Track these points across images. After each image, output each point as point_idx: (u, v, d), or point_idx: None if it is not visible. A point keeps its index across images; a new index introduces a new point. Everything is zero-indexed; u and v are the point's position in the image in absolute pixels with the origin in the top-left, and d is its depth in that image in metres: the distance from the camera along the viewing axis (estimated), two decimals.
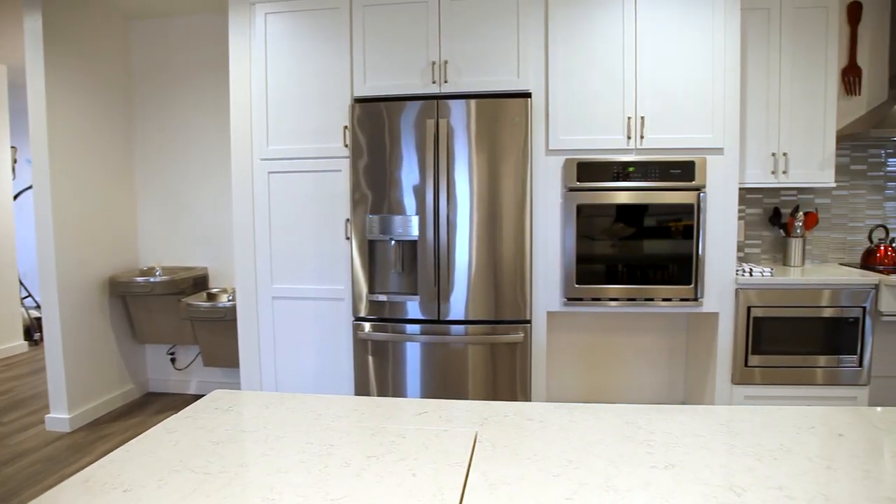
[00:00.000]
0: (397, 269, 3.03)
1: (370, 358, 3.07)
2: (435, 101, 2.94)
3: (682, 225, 3.00)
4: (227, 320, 3.64)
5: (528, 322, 2.99)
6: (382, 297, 3.03)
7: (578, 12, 3.02)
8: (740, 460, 1.04)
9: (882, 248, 3.37)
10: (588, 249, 3.04)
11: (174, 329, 3.97)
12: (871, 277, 3.05)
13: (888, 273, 3.12)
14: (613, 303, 3.06)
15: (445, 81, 3.04)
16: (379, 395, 3.03)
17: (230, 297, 3.89)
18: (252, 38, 3.19)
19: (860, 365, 3.10)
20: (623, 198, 3.01)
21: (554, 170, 3.05)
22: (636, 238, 3.03)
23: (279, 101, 3.19)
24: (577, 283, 3.05)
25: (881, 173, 3.61)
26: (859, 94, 3.53)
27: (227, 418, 1.28)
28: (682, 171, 2.99)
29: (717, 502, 0.89)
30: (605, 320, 3.63)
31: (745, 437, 1.14)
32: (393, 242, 3.00)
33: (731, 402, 3.14)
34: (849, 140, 3.35)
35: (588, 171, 3.01)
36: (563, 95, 3.04)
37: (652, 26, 3.00)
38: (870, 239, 3.51)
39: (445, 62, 3.03)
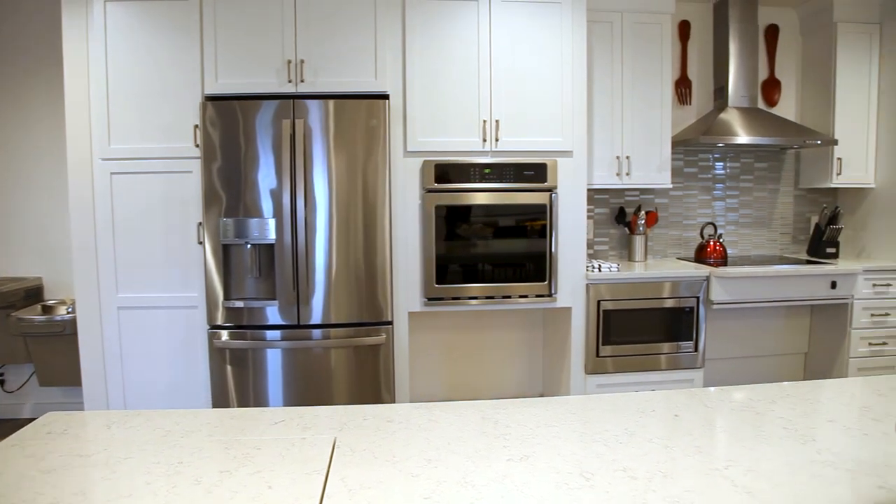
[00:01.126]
0: (254, 273, 3.06)
1: (228, 367, 3.08)
2: (291, 101, 3.00)
3: (536, 224, 3.30)
4: (66, 334, 3.48)
5: (390, 323, 3.14)
6: (239, 304, 3.06)
7: (435, 16, 3.21)
8: (590, 446, 1.13)
9: (712, 243, 3.88)
10: (447, 250, 3.25)
11: (3, 347, 3.72)
12: (703, 270, 3.52)
13: (717, 266, 3.61)
14: (473, 301, 3.30)
15: (302, 81, 3.11)
16: (239, 407, 3.05)
17: (69, 309, 3.71)
18: (90, 28, 3.08)
19: (696, 350, 3.56)
20: (480, 199, 3.25)
21: (413, 171, 3.23)
22: (493, 238, 3.28)
23: (122, 98, 3.10)
24: (437, 283, 3.25)
25: (710, 175, 4.16)
26: (690, 104, 4.04)
27: (61, 443, 1.20)
28: (535, 172, 3.28)
29: (569, 488, 0.97)
30: (466, 318, 3.88)
31: (594, 425, 1.24)
32: (249, 246, 3.03)
33: (585, 391, 3.48)
34: (682, 145, 3.83)
35: (446, 172, 3.22)
36: (421, 98, 3.22)
37: (506, 33, 3.25)
38: (701, 235, 4.03)
39: (302, 61, 3.11)
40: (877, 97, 3.99)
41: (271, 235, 3.02)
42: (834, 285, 3.66)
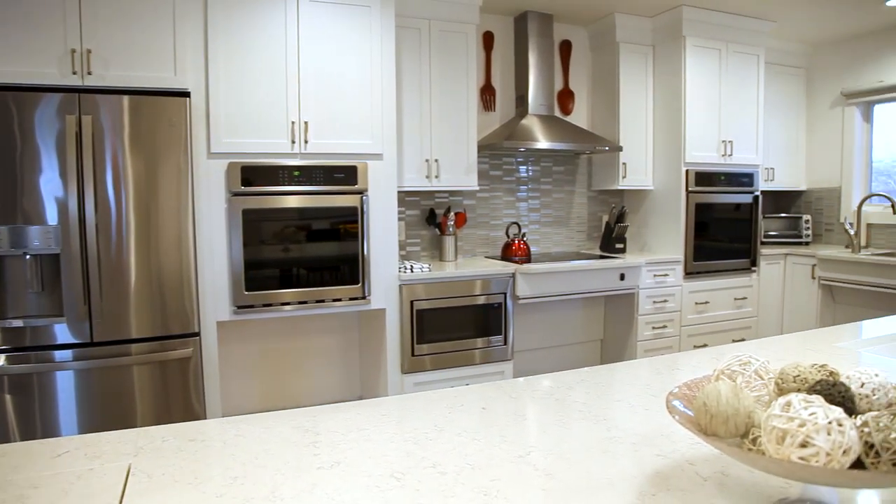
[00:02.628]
0: (36, 288, 2.92)
1: (7, 397, 2.90)
2: (77, 95, 2.89)
3: (348, 227, 3.50)
4: None
5: (197, 335, 3.15)
6: (18, 323, 2.89)
7: (240, 13, 3.22)
8: (401, 446, 1.17)
9: (517, 241, 4.37)
10: (257, 255, 3.33)
11: None
12: (510, 267, 3.96)
13: (522, 263, 4.07)
14: (286, 307, 3.42)
15: (90, 73, 3.00)
16: (23, 440, 2.88)
17: None
18: None
19: (505, 343, 3.98)
20: (290, 202, 3.38)
21: (217, 174, 3.26)
22: (305, 241, 3.43)
23: None
24: (246, 290, 3.32)
25: (514, 178, 4.67)
26: (495, 110, 4.51)
27: None
28: (345, 175, 3.48)
29: (380, 490, 1.00)
30: (281, 325, 3.98)
31: (405, 424, 1.29)
32: (28, 257, 2.89)
33: (402, 390, 3.75)
34: (488, 149, 4.26)
35: (254, 175, 3.30)
36: (227, 97, 3.24)
37: (314, 34, 3.37)
38: (507, 234, 4.51)
39: (89, 51, 2.98)
40: (652, 110, 4.76)
41: (56, 245, 2.90)
42: (623, 277, 4.31)
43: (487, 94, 4.46)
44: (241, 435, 1.26)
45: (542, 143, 4.11)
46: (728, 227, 4.78)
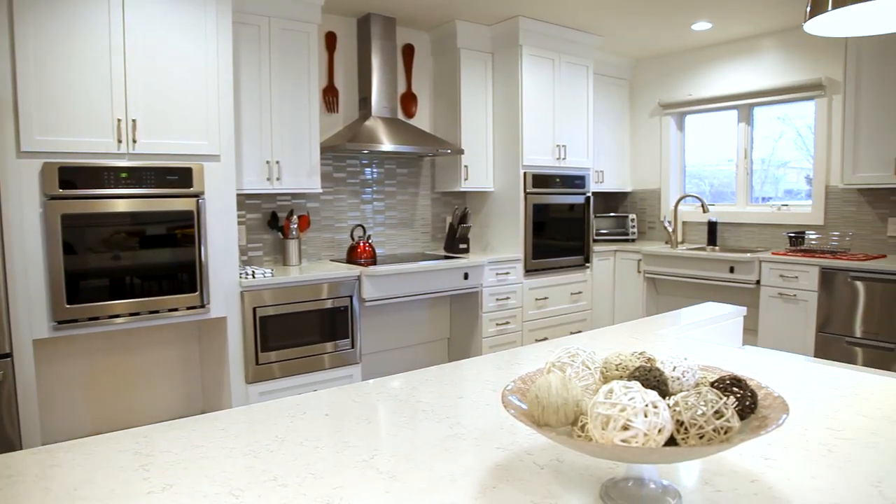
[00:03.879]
0: None
1: None
2: None
3: (183, 232, 3.36)
4: None
5: (9, 356, 2.88)
6: None
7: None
8: (239, 461, 1.14)
9: (362, 244, 4.40)
10: (81, 264, 3.09)
11: None
12: (355, 270, 3.98)
13: (368, 265, 4.11)
14: (117, 320, 3.20)
15: None
16: None
17: None
18: None
19: (353, 346, 4.00)
20: (118, 206, 3.16)
21: (30, 175, 2.97)
22: (137, 248, 3.24)
23: None
24: (68, 304, 3.07)
25: (358, 180, 4.70)
26: (338, 112, 4.51)
27: None
28: (179, 177, 3.33)
29: None
30: (111, 339, 3.72)
31: (243, 438, 1.25)
32: None
33: (247, 401, 3.65)
34: (331, 151, 4.25)
35: (74, 176, 3.05)
36: (38, 90, 2.93)
37: (142, 27, 3.16)
38: (352, 237, 4.53)
39: None
40: (492, 114, 4.98)
41: None
42: (466, 276, 4.48)
43: (330, 96, 4.45)
44: (58, 465, 1.15)
45: (386, 146, 4.17)
46: (563, 226, 5.12)
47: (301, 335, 3.78)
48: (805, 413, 1.31)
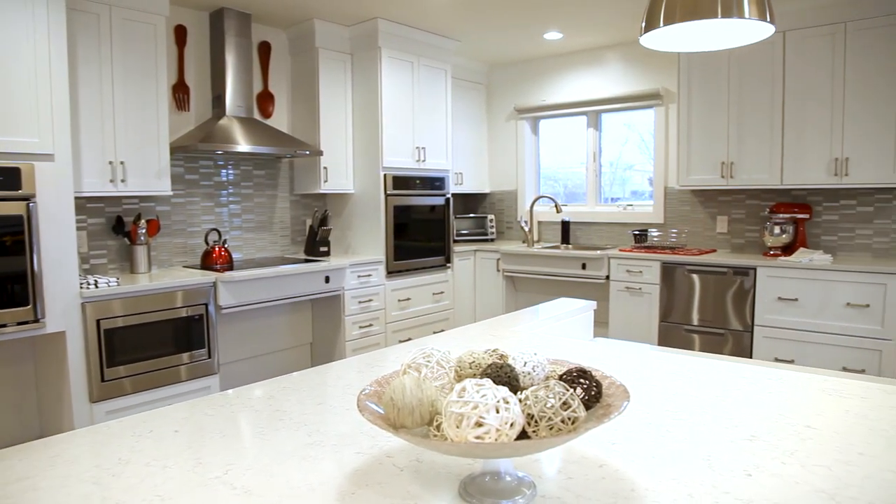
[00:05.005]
0: None
1: None
2: None
3: (12, 239, 3.08)
4: None
5: None
6: None
7: None
8: (75, 489, 1.06)
9: (217, 249, 4.24)
10: None
11: None
12: (210, 276, 3.83)
13: (224, 271, 3.97)
14: None
15: None
16: None
17: None
18: None
19: (210, 356, 3.84)
20: None
21: None
22: None
23: None
24: None
25: (212, 182, 4.52)
26: (189, 110, 4.31)
27: None
28: (5, 178, 3.03)
29: None
30: None
31: (82, 463, 1.16)
32: None
33: (92, 422, 3.39)
34: (182, 152, 4.05)
35: None
36: None
37: None
38: (206, 241, 4.36)
39: None
40: (351, 116, 4.98)
41: None
42: (328, 280, 4.45)
43: (181, 93, 4.25)
44: None
45: (242, 147, 4.05)
46: (424, 227, 5.21)
47: (153, 347, 3.59)
48: (647, 398, 1.45)
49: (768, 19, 1.58)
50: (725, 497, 0.97)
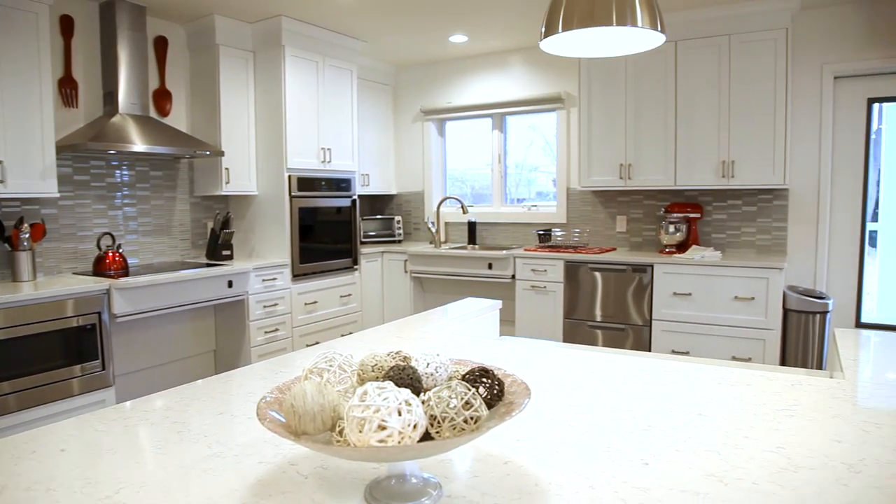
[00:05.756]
0: None
1: None
2: None
3: None
4: None
5: None
6: None
7: None
8: None
9: (111, 254, 4.03)
10: None
11: None
12: (103, 283, 3.64)
13: (119, 277, 3.78)
14: None
15: None
16: None
17: None
18: None
19: (104, 368, 3.65)
20: None
21: None
22: None
23: None
24: None
25: (105, 184, 4.29)
26: (77, 107, 4.07)
27: None
28: None
29: None
30: None
31: None
32: None
33: None
34: (70, 151, 3.81)
35: None
36: None
37: None
38: (99, 246, 4.13)
39: None
40: (254, 115, 4.86)
41: None
42: (231, 284, 4.32)
43: (68, 88, 4.01)
44: None
45: (138, 146, 3.88)
46: (331, 229, 5.16)
47: (41, 360, 3.37)
48: (551, 394, 1.50)
49: (659, 29, 1.68)
50: (624, 486, 1.02)
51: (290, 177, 4.77)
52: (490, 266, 5.21)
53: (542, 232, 5.47)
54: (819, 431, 1.23)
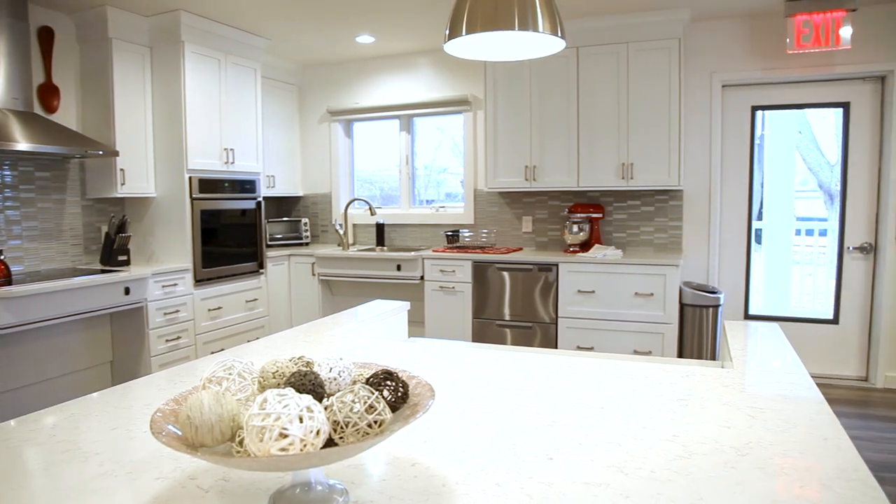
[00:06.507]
0: None
1: None
2: None
3: None
4: None
5: None
6: None
7: None
8: None
9: None
10: None
11: None
12: None
13: (1, 286, 3.53)
14: None
15: None
16: None
17: None
18: None
19: None
20: None
21: None
22: None
23: None
24: None
25: None
26: None
27: None
28: None
29: None
30: None
31: None
32: None
33: None
34: None
35: None
36: None
37: None
38: None
39: None
40: (152, 114, 4.66)
41: None
42: (128, 291, 4.12)
43: None
44: None
45: (21, 144, 3.63)
46: (235, 232, 5.02)
47: None
48: (458, 394, 1.52)
49: (559, 35, 1.73)
50: (529, 482, 1.05)
51: (191, 178, 4.60)
52: (399, 268, 5.22)
53: (450, 233, 5.52)
54: (710, 419, 1.31)
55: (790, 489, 1.00)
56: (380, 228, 5.89)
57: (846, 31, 4.22)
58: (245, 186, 5.10)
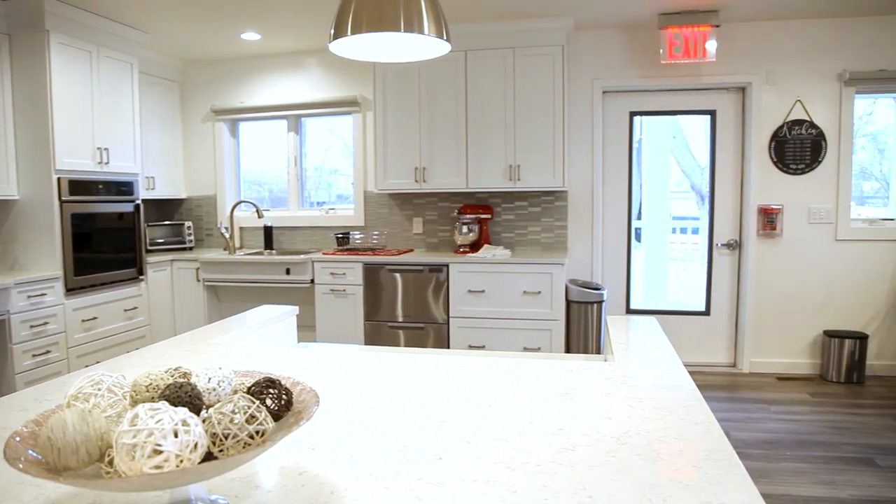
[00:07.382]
0: None
1: None
2: None
3: None
4: None
5: None
6: None
7: None
8: None
9: None
10: None
11: None
12: None
13: None
14: None
15: None
16: None
17: None
18: None
19: None
20: None
21: None
22: None
23: None
24: None
25: None
26: None
27: None
28: None
29: None
30: None
31: None
32: None
33: None
34: None
35: None
36: None
37: None
38: None
39: None
40: (12, 109, 4.29)
41: None
42: None
43: None
44: None
45: None
46: (112, 237, 4.72)
47: None
48: (346, 398, 1.49)
49: (445, 38, 1.74)
50: (419, 483, 1.04)
51: (59, 179, 4.28)
52: (288, 271, 5.09)
53: (340, 235, 5.45)
54: (593, 411, 1.35)
55: (666, 472, 1.05)
56: (268, 231, 5.72)
57: (712, 45, 4.54)
58: (121, 188, 4.81)
